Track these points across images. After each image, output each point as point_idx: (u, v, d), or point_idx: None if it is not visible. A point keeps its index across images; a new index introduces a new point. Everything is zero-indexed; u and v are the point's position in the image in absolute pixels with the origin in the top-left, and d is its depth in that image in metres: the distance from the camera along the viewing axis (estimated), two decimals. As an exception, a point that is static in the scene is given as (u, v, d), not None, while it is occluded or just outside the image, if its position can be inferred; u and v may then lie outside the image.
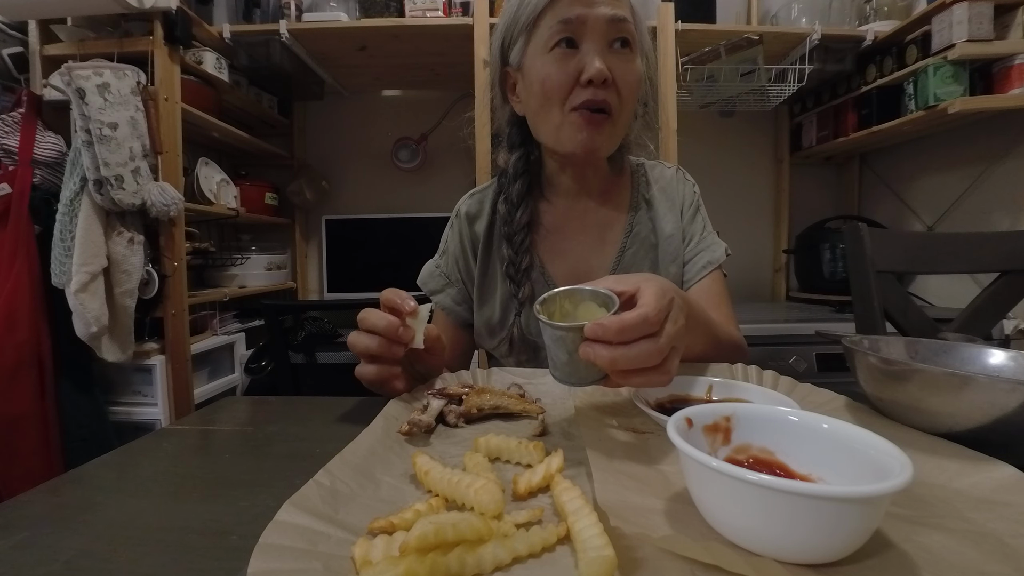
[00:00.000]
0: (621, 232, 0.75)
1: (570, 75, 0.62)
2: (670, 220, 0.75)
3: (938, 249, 0.95)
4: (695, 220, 0.76)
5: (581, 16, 0.61)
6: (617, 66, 0.63)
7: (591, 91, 0.62)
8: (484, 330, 0.76)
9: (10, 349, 1.18)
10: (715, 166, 2.01)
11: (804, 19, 1.64)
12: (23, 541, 0.30)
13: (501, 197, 0.74)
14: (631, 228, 0.75)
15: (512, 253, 0.71)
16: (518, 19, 0.67)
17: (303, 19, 1.55)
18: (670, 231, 0.74)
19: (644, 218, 0.75)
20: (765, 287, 2.10)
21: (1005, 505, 0.29)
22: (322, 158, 2.08)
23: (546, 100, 0.65)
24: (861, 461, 0.28)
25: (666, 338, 0.37)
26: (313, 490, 0.30)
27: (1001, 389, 0.35)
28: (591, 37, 0.62)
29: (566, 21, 0.62)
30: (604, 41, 0.63)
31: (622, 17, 0.62)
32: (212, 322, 1.65)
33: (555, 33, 0.63)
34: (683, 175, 0.80)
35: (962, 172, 1.59)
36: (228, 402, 0.59)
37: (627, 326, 0.35)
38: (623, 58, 0.64)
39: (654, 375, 0.38)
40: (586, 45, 0.62)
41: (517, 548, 0.26)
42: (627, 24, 0.63)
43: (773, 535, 0.25)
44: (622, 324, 0.35)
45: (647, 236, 0.75)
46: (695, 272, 0.73)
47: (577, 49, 0.63)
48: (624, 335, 0.35)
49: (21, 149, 1.27)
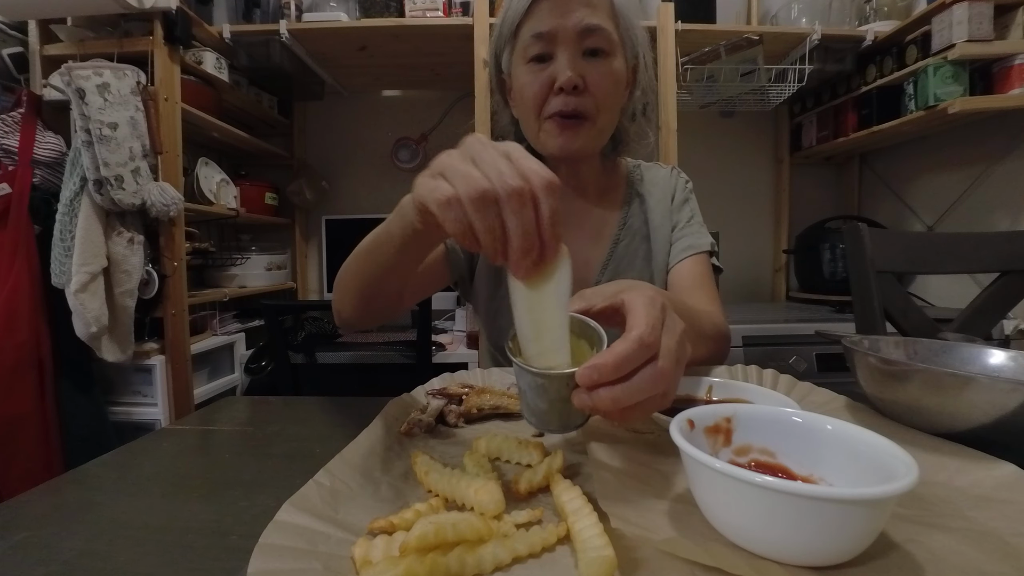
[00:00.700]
0: (615, 226, 0.77)
1: (544, 85, 0.65)
2: (660, 212, 0.77)
3: (938, 249, 0.95)
4: (683, 209, 0.78)
5: (552, 30, 0.63)
6: (591, 71, 0.64)
7: (563, 99, 0.64)
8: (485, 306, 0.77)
9: (10, 349, 1.18)
10: (715, 166, 2.01)
11: (804, 19, 1.64)
12: (23, 541, 0.30)
13: None
14: (624, 221, 0.78)
15: None
16: (503, 30, 0.70)
17: (303, 19, 1.55)
18: (659, 221, 0.77)
19: (637, 211, 0.78)
20: (765, 287, 2.10)
21: (1006, 503, 0.29)
22: (322, 158, 2.08)
23: (526, 109, 0.68)
24: (865, 462, 0.28)
25: (666, 358, 0.31)
26: (313, 490, 0.30)
27: (1001, 389, 0.35)
28: (564, 47, 0.64)
29: (538, 35, 0.64)
30: (577, 49, 0.64)
31: (595, 27, 0.63)
32: (212, 322, 1.65)
33: (529, 45, 0.65)
34: (677, 172, 0.82)
35: (962, 172, 1.59)
36: (228, 402, 0.59)
37: (623, 359, 0.30)
38: (597, 64, 0.65)
39: (656, 403, 0.32)
40: (559, 54, 0.64)
41: (517, 548, 0.26)
42: (602, 33, 0.64)
43: (777, 537, 0.25)
44: (618, 359, 0.30)
45: (639, 228, 0.77)
46: (677, 253, 0.75)
47: (552, 60, 0.65)
48: (622, 369, 0.30)
49: (21, 149, 1.27)
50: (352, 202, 2.09)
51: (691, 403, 0.45)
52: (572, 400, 0.31)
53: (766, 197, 2.07)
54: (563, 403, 0.32)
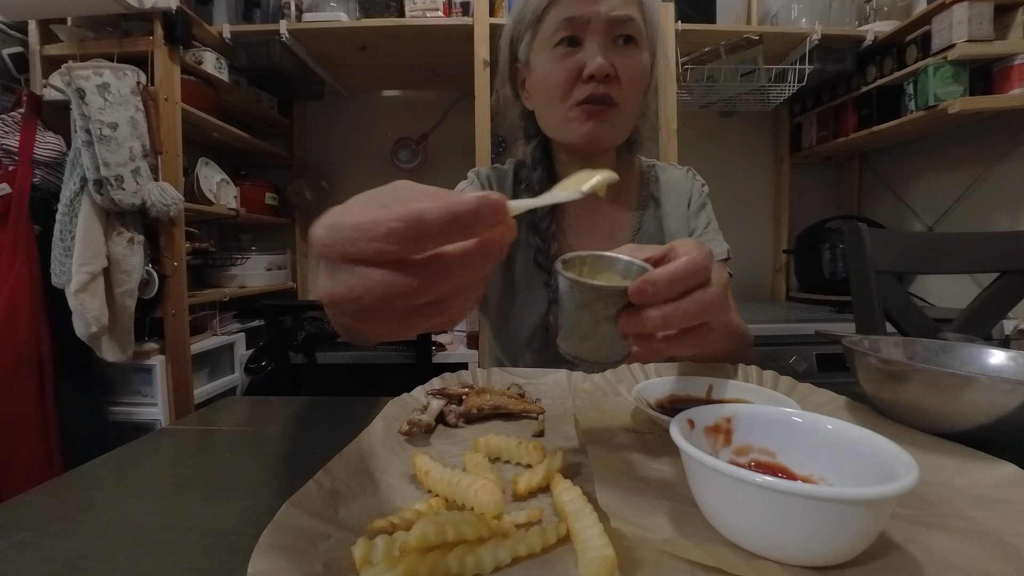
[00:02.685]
0: (629, 230, 0.75)
1: (572, 72, 0.63)
2: (676, 218, 0.75)
3: (938, 249, 0.95)
4: (699, 216, 0.76)
5: (584, 15, 0.62)
6: (620, 60, 0.63)
7: (592, 86, 0.62)
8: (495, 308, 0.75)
9: (10, 349, 1.18)
10: (715, 166, 2.01)
11: (804, 19, 1.64)
12: (23, 541, 0.30)
13: (522, 186, 0.75)
14: (639, 226, 0.75)
15: (540, 240, 0.72)
16: (524, 15, 0.68)
17: (303, 19, 1.55)
18: (676, 228, 0.75)
19: (652, 216, 0.76)
20: (765, 287, 2.10)
21: (1006, 503, 0.29)
22: (322, 158, 2.08)
23: (551, 96, 0.66)
24: (865, 462, 0.28)
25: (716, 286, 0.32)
26: (313, 490, 0.30)
27: (1001, 389, 0.35)
28: (593, 35, 0.63)
29: (569, 19, 0.62)
30: (607, 38, 0.63)
31: (626, 17, 0.62)
32: (212, 322, 1.65)
33: (558, 30, 0.63)
34: (692, 174, 0.80)
35: (962, 172, 1.59)
36: (228, 402, 0.59)
37: (678, 275, 0.30)
38: (626, 53, 0.64)
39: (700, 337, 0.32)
40: (589, 42, 0.63)
41: (517, 548, 0.26)
42: (632, 23, 0.63)
43: (777, 537, 0.25)
44: (673, 274, 0.30)
45: (654, 234, 0.75)
46: None
47: (580, 46, 0.63)
48: (676, 286, 0.30)
49: (21, 149, 1.27)
50: (352, 202, 2.09)
51: (691, 403, 0.45)
52: (620, 323, 0.31)
53: (766, 197, 2.07)
54: (610, 325, 0.32)
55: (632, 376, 0.53)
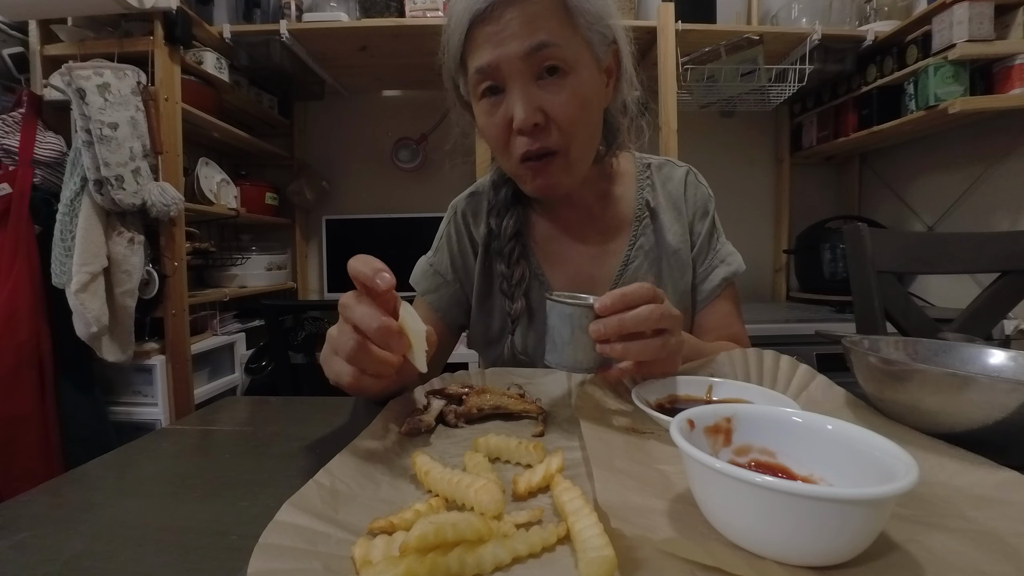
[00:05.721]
0: (624, 243, 0.71)
1: (502, 126, 0.58)
2: (676, 232, 0.71)
3: (938, 249, 0.95)
4: (707, 230, 0.72)
5: (492, 62, 0.55)
6: (548, 99, 0.56)
7: (526, 140, 0.57)
8: (481, 339, 0.75)
9: (10, 349, 1.18)
10: (715, 166, 2.01)
11: (804, 19, 1.64)
12: (23, 541, 0.30)
13: (490, 206, 0.72)
14: (635, 240, 0.71)
15: (503, 267, 0.69)
16: (448, 63, 0.62)
17: (303, 19, 1.55)
18: (676, 244, 0.70)
19: (648, 230, 0.72)
20: (765, 287, 2.10)
21: (1006, 503, 0.29)
22: (322, 158, 2.09)
23: (493, 148, 0.62)
24: (865, 462, 0.28)
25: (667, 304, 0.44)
26: (313, 490, 0.30)
27: (1001, 389, 0.35)
28: (511, 78, 0.56)
29: (480, 71, 0.57)
30: (528, 76, 0.56)
31: (539, 44, 0.54)
32: (212, 322, 1.65)
33: (476, 83, 0.58)
34: (695, 178, 0.74)
35: (962, 172, 1.59)
36: (228, 402, 0.59)
37: (627, 291, 0.42)
38: (555, 87, 0.56)
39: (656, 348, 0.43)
40: (509, 87, 0.56)
41: (517, 548, 0.26)
42: (549, 49, 0.54)
43: (777, 537, 0.24)
44: (623, 291, 0.42)
45: (651, 249, 0.71)
46: (712, 289, 0.70)
47: (504, 92, 0.57)
48: (628, 299, 0.42)
49: (21, 149, 1.27)
50: (352, 202, 2.09)
51: (691, 403, 0.45)
52: (589, 328, 0.43)
53: (766, 197, 2.07)
54: (583, 335, 0.43)
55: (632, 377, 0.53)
